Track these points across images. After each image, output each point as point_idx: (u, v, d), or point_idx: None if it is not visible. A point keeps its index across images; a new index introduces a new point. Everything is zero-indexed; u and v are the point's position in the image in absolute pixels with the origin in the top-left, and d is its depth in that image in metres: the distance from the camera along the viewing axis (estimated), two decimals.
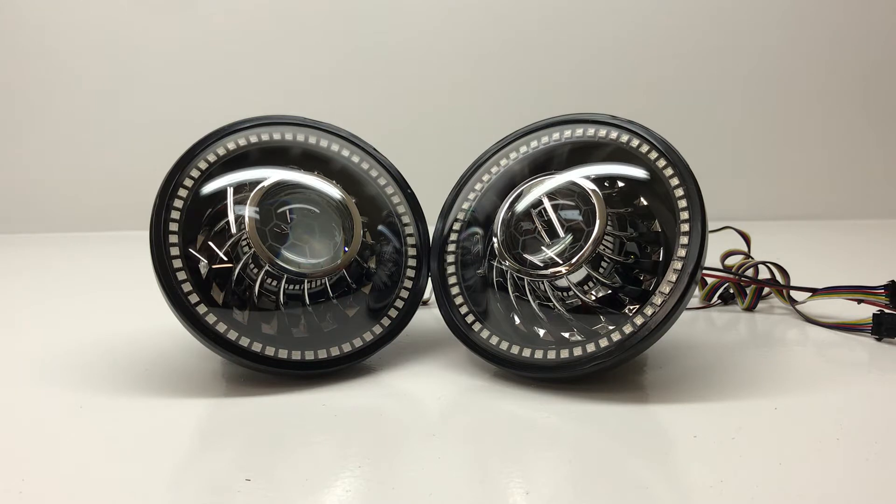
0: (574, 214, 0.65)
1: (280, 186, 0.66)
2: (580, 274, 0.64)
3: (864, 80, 1.87)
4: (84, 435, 0.55)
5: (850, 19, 1.85)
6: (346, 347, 0.65)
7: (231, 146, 0.66)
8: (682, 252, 0.60)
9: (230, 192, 0.65)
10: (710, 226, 0.63)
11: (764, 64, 1.86)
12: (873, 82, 1.88)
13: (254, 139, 0.68)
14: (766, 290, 0.91)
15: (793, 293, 0.86)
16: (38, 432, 0.56)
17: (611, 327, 0.61)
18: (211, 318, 0.61)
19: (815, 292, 0.82)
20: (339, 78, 1.84)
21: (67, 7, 1.79)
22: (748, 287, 0.89)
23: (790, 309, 0.87)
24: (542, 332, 0.64)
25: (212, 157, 0.65)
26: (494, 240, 0.66)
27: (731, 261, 0.97)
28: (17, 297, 1.09)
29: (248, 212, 0.64)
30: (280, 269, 0.63)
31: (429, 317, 0.82)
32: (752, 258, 0.95)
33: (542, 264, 0.64)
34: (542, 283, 0.64)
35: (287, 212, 0.66)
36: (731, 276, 0.89)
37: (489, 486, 0.47)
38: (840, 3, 1.84)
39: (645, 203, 0.64)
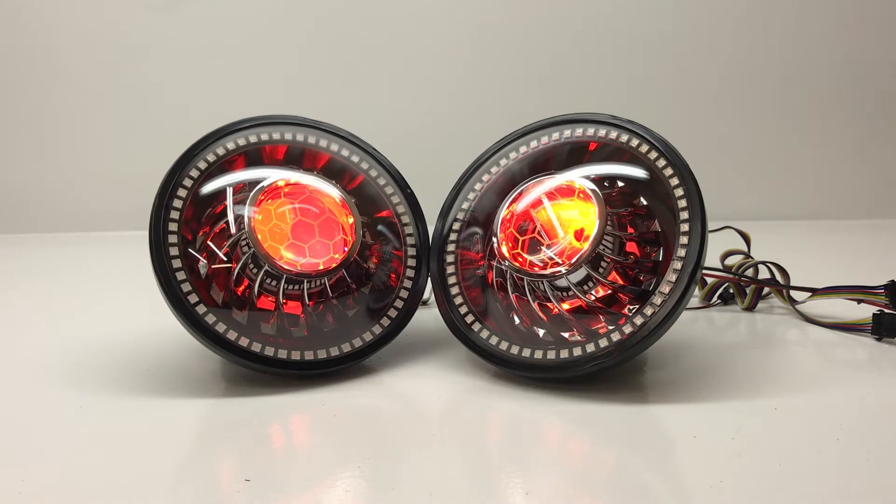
0: (574, 214, 0.65)
1: (280, 186, 0.66)
2: (580, 274, 0.64)
3: (864, 79, 1.87)
4: (84, 435, 0.55)
5: (851, 20, 1.85)
6: (346, 347, 0.65)
7: (231, 146, 0.66)
8: (681, 252, 0.60)
9: (230, 192, 0.65)
10: (710, 226, 0.63)
11: (764, 64, 1.86)
12: (873, 82, 1.88)
13: (254, 139, 0.68)
14: (766, 289, 0.91)
15: (793, 293, 0.86)
16: (38, 432, 0.56)
17: (611, 327, 0.61)
18: (210, 318, 0.61)
19: (815, 292, 0.82)
20: (339, 78, 1.84)
21: (67, 7, 1.78)
22: (748, 287, 0.89)
23: (790, 309, 0.87)
24: (542, 332, 0.64)
25: (211, 157, 0.65)
26: (494, 240, 0.66)
27: (730, 261, 0.97)
28: (17, 297, 1.09)
29: (248, 212, 0.64)
30: (279, 269, 0.63)
31: (429, 317, 0.82)
32: (752, 258, 0.95)
33: (541, 264, 0.64)
34: (542, 283, 0.64)
35: (287, 212, 0.66)
36: (731, 276, 0.89)
37: (489, 487, 0.47)
38: (840, 3, 1.84)
39: (645, 203, 0.64)
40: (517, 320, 0.65)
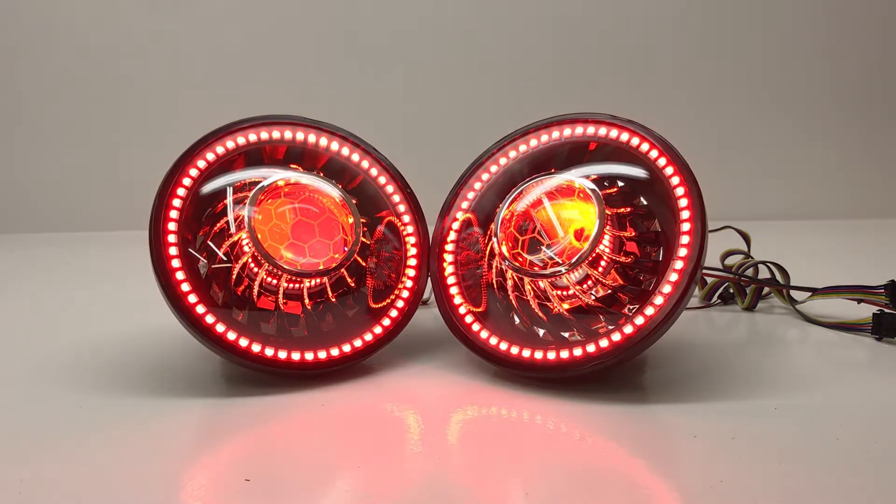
0: (574, 214, 0.65)
1: (280, 186, 0.66)
2: (580, 274, 0.64)
3: (864, 80, 1.87)
4: (84, 435, 0.55)
5: (852, 20, 1.85)
6: (346, 347, 0.65)
7: (231, 146, 0.66)
8: (682, 252, 0.59)
9: (230, 191, 0.65)
10: (710, 226, 0.63)
11: (765, 64, 1.86)
12: (873, 82, 1.88)
13: (254, 139, 0.67)
14: (766, 289, 0.91)
15: (793, 293, 0.86)
16: (38, 432, 0.56)
17: (611, 327, 0.61)
18: (210, 318, 0.61)
19: (815, 292, 0.82)
20: (339, 77, 1.84)
21: (68, 7, 1.79)
22: (748, 287, 0.89)
23: (790, 309, 0.87)
24: (542, 332, 0.64)
25: (211, 157, 0.65)
26: (494, 240, 0.66)
27: (730, 260, 0.97)
28: (17, 297, 1.09)
29: (248, 212, 0.63)
30: (279, 269, 0.63)
31: (429, 317, 0.82)
32: (752, 258, 0.95)
33: (541, 264, 0.64)
34: (542, 282, 0.64)
35: (287, 211, 0.66)
36: (731, 275, 0.89)
37: (489, 486, 0.47)
38: (841, 3, 1.84)
39: (645, 203, 0.64)
40: (517, 320, 0.65)
